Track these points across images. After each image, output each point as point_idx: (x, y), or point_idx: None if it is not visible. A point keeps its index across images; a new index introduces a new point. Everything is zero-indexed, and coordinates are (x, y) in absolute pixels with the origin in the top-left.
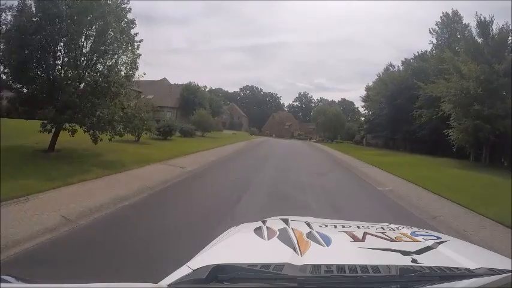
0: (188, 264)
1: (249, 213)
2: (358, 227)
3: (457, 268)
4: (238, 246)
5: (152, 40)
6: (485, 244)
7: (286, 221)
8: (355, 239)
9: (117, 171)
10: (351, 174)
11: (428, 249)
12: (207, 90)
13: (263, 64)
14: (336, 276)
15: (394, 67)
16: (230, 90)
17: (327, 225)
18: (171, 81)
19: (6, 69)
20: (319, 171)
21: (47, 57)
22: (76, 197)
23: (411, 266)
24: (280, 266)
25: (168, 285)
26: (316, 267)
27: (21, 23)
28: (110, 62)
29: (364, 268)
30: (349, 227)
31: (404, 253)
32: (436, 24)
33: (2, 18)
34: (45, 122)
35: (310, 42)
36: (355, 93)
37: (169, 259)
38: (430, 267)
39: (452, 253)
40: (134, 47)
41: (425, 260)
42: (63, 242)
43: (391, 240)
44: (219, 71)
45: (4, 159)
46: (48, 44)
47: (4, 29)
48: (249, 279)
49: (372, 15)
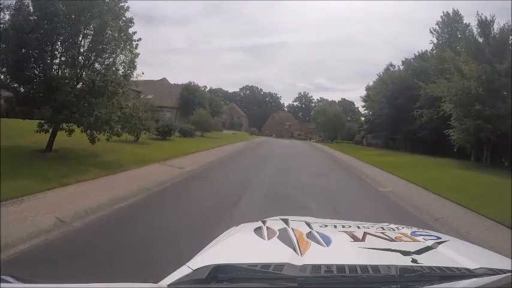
0: (188, 264)
1: (248, 215)
2: (358, 227)
3: (457, 268)
4: (238, 246)
5: (152, 40)
6: (488, 246)
7: (286, 221)
8: (355, 239)
9: (114, 172)
10: (351, 175)
11: (428, 249)
12: (207, 90)
13: (263, 64)
14: (336, 276)
15: (394, 67)
16: (230, 90)
17: (327, 225)
18: (171, 81)
19: (3, 69)
20: (319, 172)
21: (44, 57)
22: (72, 198)
23: (411, 266)
24: (280, 266)
25: (168, 285)
26: (316, 267)
27: (17, 22)
28: (108, 61)
29: (364, 268)
30: (349, 227)
31: (404, 253)
32: (436, 23)
33: (1, 17)
34: (42, 121)
35: (310, 42)
36: (355, 93)
37: (166, 262)
38: (430, 267)
39: (452, 253)
40: (132, 46)
41: (425, 260)
42: (56, 245)
43: (391, 240)
44: (219, 71)
45: (1, 159)
46: (45, 43)
47: (2, 28)
48: (249, 279)
49: (372, 15)
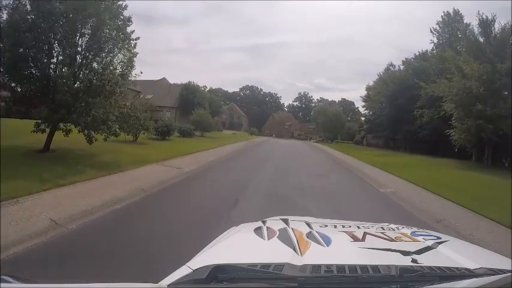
0: (188, 264)
1: (247, 217)
2: (358, 227)
3: (457, 268)
4: (238, 246)
5: (152, 40)
6: (494, 249)
7: (286, 221)
8: (355, 239)
9: (111, 173)
10: (352, 175)
11: (428, 249)
12: (207, 90)
13: (263, 64)
14: (336, 276)
15: (394, 67)
16: (230, 90)
17: (327, 225)
18: (171, 81)
19: (0, 68)
20: (320, 173)
21: (41, 56)
22: (67, 199)
23: (411, 266)
24: (280, 266)
25: (168, 285)
26: (316, 267)
27: (14, 21)
28: (105, 61)
29: (364, 268)
30: (349, 227)
31: (404, 253)
32: (437, 23)
33: None
34: (39, 121)
35: (310, 42)
36: (355, 93)
37: (161, 265)
38: (430, 267)
39: (452, 253)
40: (131, 45)
41: (425, 260)
42: (49, 248)
43: (391, 240)
44: (219, 71)
45: None
46: (42, 42)
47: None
48: (249, 279)
49: (372, 15)
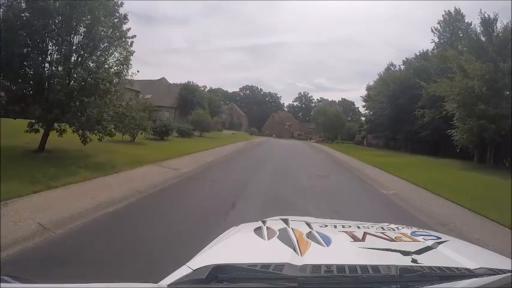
0: (188, 264)
1: (246, 219)
2: (358, 227)
3: (457, 268)
4: (238, 246)
5: (152, 40)
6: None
7: (286, 221)
8: (355, 239)
9: (106, 174)
10: (353, 176)
11: (428, 249)
12: (207, 90)
13: (263, 64)
14: (336, 276)
15: (395, 66)
16: (230, 90)
17: (327, 225)
18: (171, 81)
19: None
20: (320, 174)
21: (35, 54)
22: (58, 202)
23: (411, 266)
24: (280, 266)
25: (168, 285)
26: (316, 267)
27: (8, 19)
28: (100, 59)
29: (364, 268)
30: (349, 227)
31: (404, 253)
32: (438, 22)
33: None
34: (32, 121)
35: (310, 42)
36: (355, 93)
37: (151, 278)
38: (430, 267)
39: (452, 253)
40: (127, 43)
41: (425, 260)
42: (33, 255)
43: (391, 240)
44: (219, 71)
45: None
46: (35, 40)
47: None
48: (249, 279)
49: (372, 15)
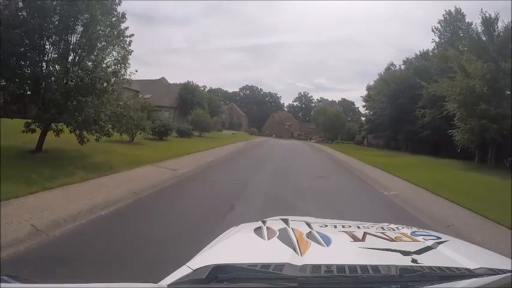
0: (188, 264)
1: (245, 221)
2: (358, 227)
3: (457, 268)
4: (238, 246)
5: (152, 40)
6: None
7: (286, 221)
8: (355, 239)
9: (103, 174)
10: (354, 177)
11: (428, 249)
12: (207, 90)
13: (263, 64)
14: (336, 276)
15: (395, 66)
16: (230, 90)
17: (327, 225)
18: (171, 81)
19: None
20: (320, 174)
21: (32, 53)
22: (53, 203)
23: (411, 266)
24: (280, 266)
25: (168, 285)
26: (316, 267)
27: (4, 17)
28: (97, 58)
29: (364, 268)
30: (349, 227)
31: (404, 253)
32: (438, 22)
33: None
34: (29, 121)
35: (310, 42)
36: (355, 93)
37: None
38: (430, 267)
39: (452, 253)
40: (125, 42)
41: (425, 260)
42: (27, 258)
43: (391, 240)
44: (219, 71)
45: None
46: (32, 39)
47: None
48: (249, 279)
49: (372, 15)
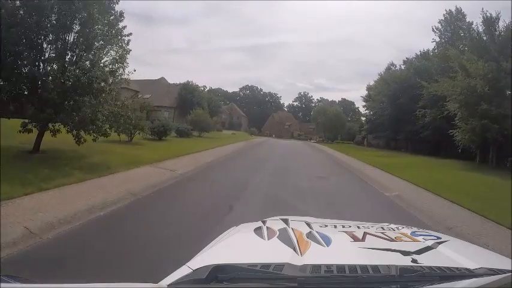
0: (188, 264)
1: (245, 221)
2: (358, 227)
3: (457, 268)
4: (238, 246)
5: (152, 40)
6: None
7: (286, 221)
8: (355, 239)
9: (100, 175)
10: (354, 177)
11: (428, 249)
12: (206, 90)
13: (263, 64)
14: (336, 276)
15: (395, 66)
16: (230, 90)
17: (327, 225)
18: (171, 81)
19: None
20: (320, 175)
21: (28, 52)
22: (48, 204)
23: (411, 266)
24: (280, 266)
25: (168, 285)
26: (316, 267)
27: (1, 16)
28: (95, 58)
29: (364, 268)
30: (349, 227)
31: (404, 253)
32: (439, 22)
33: None
34: (25, 121)
35: (310, 42)
36: (355, 93)
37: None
38: (430, 267)
39: (452, 253)
40: (124, 41)
41: (425, 260)
42: (19, 261)
43: (391, 240)
44: (219, 71)
45: None
46: (29, 38)
47: None
48: (249, 279)
49: (372, 15)
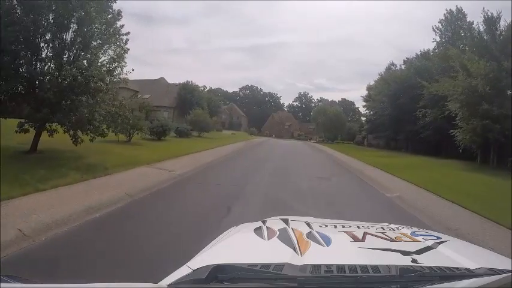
0: (188, 264)
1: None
2: (358, 227)
3: (457, 268)
4: (238, 246)
5: (152, 40)
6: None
7: (286, 221)
8: (355, 239)
9: (97, 176)
10: (354, 178)
11: (428, 249)
12: (206, 90)
13: (263, 64)
14: (336, 276)
15: (396, 66)
16: (230, 90)
17: (327, 225)
18: (171, 81)
19: None
20: (320, 175)
21: (26, 51)
22: (42, 206)
23: (411, 266)
24: (280, 266)
25: (168, 285)
26: (316, 267)
27: None
28: (92, 57)
29: (364, 268)
30: (349, 227)
31: (404, 253)
32: (439, 21)
33: None
34: (22, 121)
35: (310, 42)
36: (356, 93)
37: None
38: (430, 267)
39: (452, 253)
40: (122, 40)
41: (425, 260)
42: (10, 265)
43: (391, 240)
44: (219, 71)
45: None
46: (26, 37)
47: None
48: (249, 279)
49: (372, 15)
